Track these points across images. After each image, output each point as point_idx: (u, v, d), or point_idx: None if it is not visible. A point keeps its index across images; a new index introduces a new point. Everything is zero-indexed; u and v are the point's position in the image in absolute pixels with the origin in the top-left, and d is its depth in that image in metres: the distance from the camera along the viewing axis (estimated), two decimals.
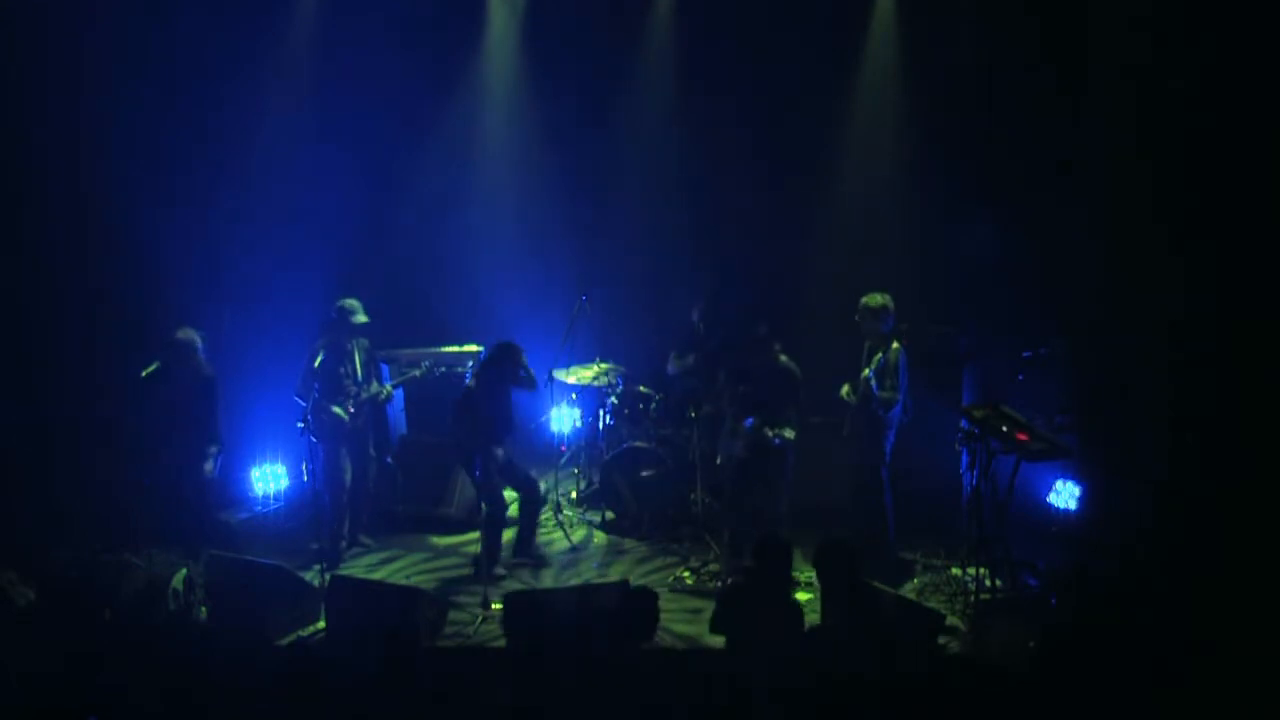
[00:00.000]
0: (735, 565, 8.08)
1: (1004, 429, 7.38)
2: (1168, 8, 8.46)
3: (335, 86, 10.17)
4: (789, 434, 8.16)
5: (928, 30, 9.87)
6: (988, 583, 7.58)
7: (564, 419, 10.05)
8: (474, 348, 9.79)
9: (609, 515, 9.48)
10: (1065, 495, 8.62)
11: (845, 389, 8.25)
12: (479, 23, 10.73)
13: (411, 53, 10.18)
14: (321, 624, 7.40)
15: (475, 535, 8.63)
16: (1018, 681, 5.77)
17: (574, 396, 10.05)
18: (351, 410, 8.61)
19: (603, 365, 9.63)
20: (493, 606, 7.64)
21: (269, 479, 9.41)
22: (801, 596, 7.64)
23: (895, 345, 7.98)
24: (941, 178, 9.74)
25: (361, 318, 8.58)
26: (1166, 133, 8.36)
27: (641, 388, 9.52)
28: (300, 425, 8.11)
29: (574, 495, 9.92)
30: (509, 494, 8.64)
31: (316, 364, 8.40)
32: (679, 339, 9.65)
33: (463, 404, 8.36)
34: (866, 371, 7.94)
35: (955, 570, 8.12)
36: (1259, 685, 5.82)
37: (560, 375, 9.60)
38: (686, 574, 8.34)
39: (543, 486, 9.95)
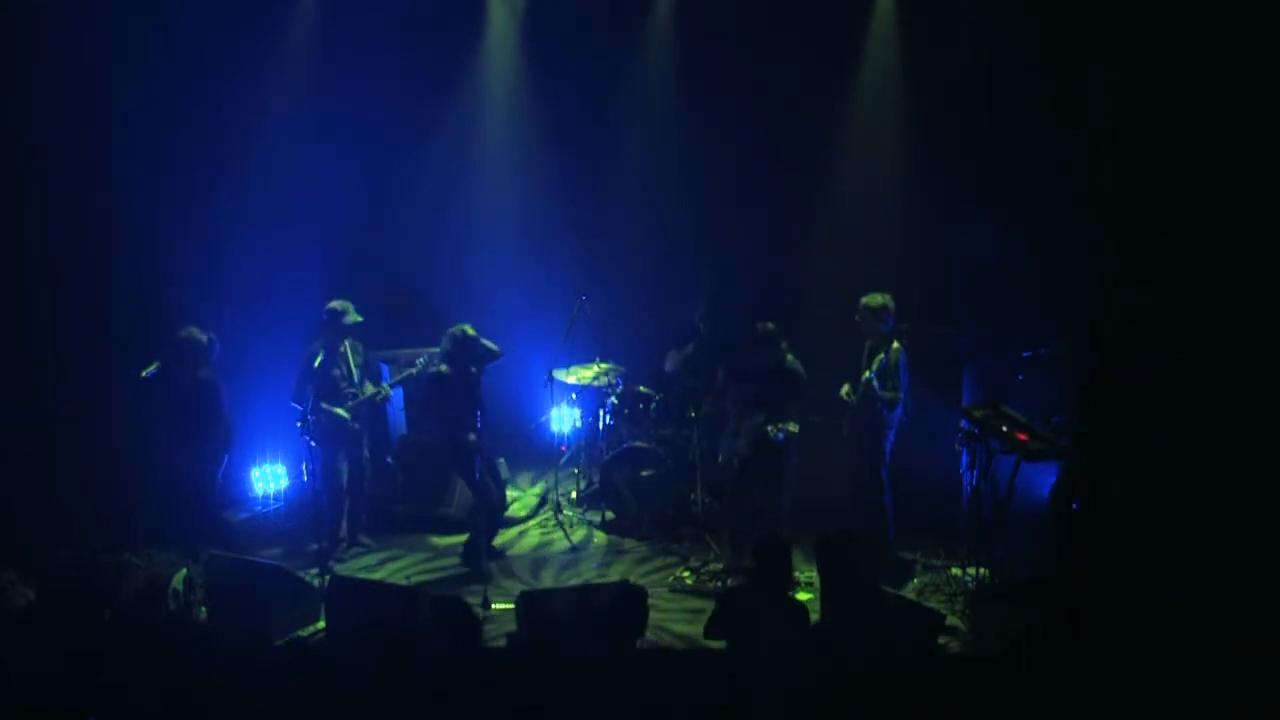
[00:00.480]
0: (736, 565, 8.08)
1: (1004, 429, 7.38)
2: (1168, 8, 8.47)
3: (335, 86, 10.16)
4: (792, 428, 8.15)
5: (928, 30, 9.85)
6: (988, 583, 7.58)
7: (564, 419, 10.04)
8: None
9: (609, 515, 9.47)
10: None
11: (845, 389, 8.23)
12: (479, 23, 10.71)
13: (411, 53, 10.16)
14: (321, 624, 7.40)
15: None
16: (1018, 681, 5.77)
17: (574, 396, 10.04)
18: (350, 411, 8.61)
19: (603, 365, 9.61)
20: (494, 607, 7.64)
21: (269, 479, 9.39)
22: (802, 596, 7.64)
23: (895, 345, 7.97)
24: (941, 178, 9.73)
25: (354, 317, 8.55)
26: (1166, 133, 8.36)
27: (641, 388, 9.50)
28: (299, 425, 8.10)
29: (574, 495, 9.91)
30: (510, 493, 8.61)
31: (316, 364, 8.38)
32: (679, 339, 9.65)
33: (442, 396, 8.27)
34: (868, 373, 7.92)
35: (955, 570, 8.12)
36: (1259, 685, 5.82)
37: (560, 375, 9.59)
38: (686, 574, 8.33)
39: (542, 486, 10.00)
